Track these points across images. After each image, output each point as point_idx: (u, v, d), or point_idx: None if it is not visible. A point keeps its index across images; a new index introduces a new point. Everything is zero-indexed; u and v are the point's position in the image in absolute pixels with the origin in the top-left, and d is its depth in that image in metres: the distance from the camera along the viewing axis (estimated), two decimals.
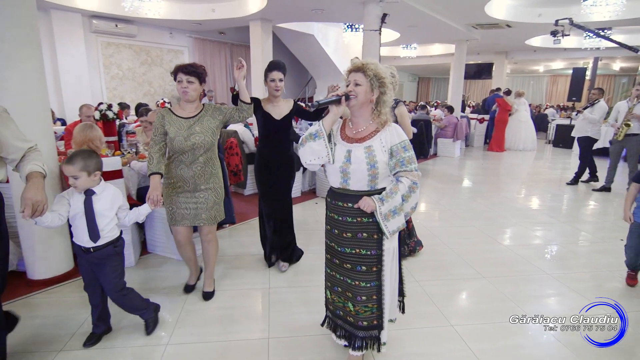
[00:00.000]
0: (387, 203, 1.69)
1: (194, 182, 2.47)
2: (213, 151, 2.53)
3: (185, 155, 2.42)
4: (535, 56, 14.07)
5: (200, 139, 2.40)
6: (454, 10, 8.36)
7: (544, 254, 3.61)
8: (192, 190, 2.49)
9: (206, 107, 2.50)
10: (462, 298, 2.84)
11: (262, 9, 7.45)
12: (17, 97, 2.57)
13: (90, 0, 7.67)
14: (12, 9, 2.49)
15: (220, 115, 2.51)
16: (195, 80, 2.38)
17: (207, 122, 2.45)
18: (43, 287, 2.79)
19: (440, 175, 7.17)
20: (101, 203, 2.04)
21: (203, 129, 2.42)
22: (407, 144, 1.74)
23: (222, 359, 2.11)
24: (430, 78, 23.31)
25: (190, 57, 10.49)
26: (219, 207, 2.61)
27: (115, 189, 2.13)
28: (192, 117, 2.43)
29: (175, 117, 2.42)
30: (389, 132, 1.74)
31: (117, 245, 2.13)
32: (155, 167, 2.34)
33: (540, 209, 5.13)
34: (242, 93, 2.53)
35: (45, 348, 2.16)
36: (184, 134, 2.38)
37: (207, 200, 2.52)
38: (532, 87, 20.92)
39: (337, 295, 1.92)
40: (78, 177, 1.96)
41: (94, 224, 2.01)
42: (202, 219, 2.53)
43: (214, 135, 2.48)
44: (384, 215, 1.70)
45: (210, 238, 2.65)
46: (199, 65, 2.43)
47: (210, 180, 2.52)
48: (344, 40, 10.99)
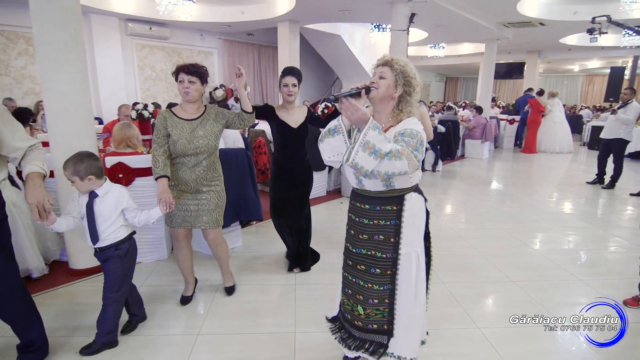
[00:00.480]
0: (378, 134, 1.47)
1: (195, 185, 2.42)
2: (216, 155, 2.49)
3: (188, 158, 2.36)
4: (570, 55, 13.55)
5: (204, 143, 2.35)
6: (485, 9, 8.19)
7: (577, 260, 3.50)
8: (193, 192, 2.44)
9: (209, 110, 2.44)
10: (489, 301, 2.81)
11: (290, 10, 7.55)
12: (63, 97, 2.73)
13: (127, 5, 8.00)
14: (59, 14, 2.65)
15: (223, 119, 2.45)
16: (197, 80, 2.32)
17: (210, 125, 2.39)
18: (83, 276, 2.96)
19: (468, 177, 7.05)
20: (103, 205, 2.02)
21: (206, 133, 2.36)
22: (415, 133, 1.57)
23: (249, 350, 2.18)
24: (459, 78, 22.86)
25: (219, 58, 10.75)
26: (220, 211, 2.54)
27: (120, 191, 2.10)
28: (194, 119, 2.38)
29: (177, 119, 2.36)
30: (402, 124, 1.65)
31: (120, 248, 2.09)
32: (161, 171, 2.29)
33: (574, 213, 4.97)
34: (244, 102, 2.46)
35: (86, 333, 2.28)
36: (187, 137, 2.32)
37: (209, 202, 2.46)
38: (566, 87, 20.15)
39: (347, 297, 1.85)
40: (73, 182, 1.98)
41: (94, 226, 2.01)
42: (203, 222, 2.47)
43: (217, 139, 2.44)
44: (364, 143, 1.47)
45: (217, 242, 2.61)
46: (200, 65, 2.38)
47: (212, 183, 2.47)
48: (370, 40, 10.95)
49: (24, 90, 7.56)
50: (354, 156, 1.50)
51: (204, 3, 8.37)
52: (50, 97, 2.75)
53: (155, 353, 2.14)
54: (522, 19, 8.63)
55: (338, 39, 10.75)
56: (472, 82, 21.78)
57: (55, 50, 2.66)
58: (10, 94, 7.22)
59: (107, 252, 2.07)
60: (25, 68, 7.52)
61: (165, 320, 2.44)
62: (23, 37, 7.41)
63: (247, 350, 2.17)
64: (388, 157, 1.47)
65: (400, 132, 1.60)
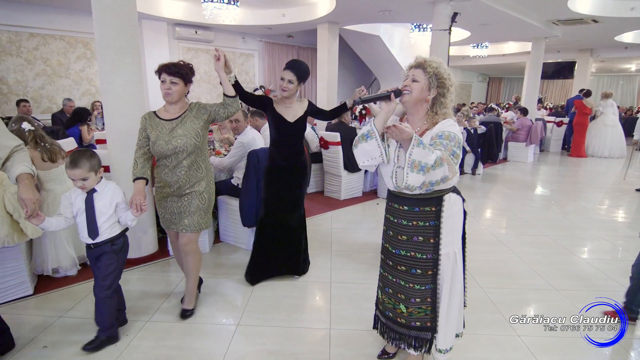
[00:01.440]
0: (422, 149, 1.47)
1: (178, 187, 2.33)
2: (199, 154, 2.36)
3: (169, 159, 2.29)
4: (626, 53, 12.67)
5: (181, 142, 2.25)
6: (533, 7, 7.85)
7: (628, 271, 3.30)
8: (177, 195, 2.36)
9: (191, 107, 2.37)
10: (530, 309, 2.72)
11: (330, 12, 7.61)
12: (120, 98, 2.95)
13: (175, 10, 8.41)
14: (117, 21, 2.87)
15: (205, 114, 2.35)
16: (179, 81, 2.26)
17: (190, 123, 2.30)
18: (133, 266, 3.16)
19: (510, 181, 6.80)
20: (101, 200, 2.05)
21: (186, 131, 2.27)
22: (452, 136, 1.58)
23: (285, 343, 2.25)
24: (502, 78, 21.98)
25: (260, 60, 11.02)
26: (203, 214, 2.40)
27: (114, 186, 2.13)
28: (174, 119, 2.30)
29: (158, 120, 2.31)
30: (438, 126, 1.64)
31: (115, 243, 2.12)
32: (139, 172, 2.25)
33: (625, 221, 4.67)
34: (224, 86, 2.36)
35: (136, 318, 2.46)
36: (165, 138, 2.25)
37: (190, 204, 2.35)
38: (621, 88, 18.83)
39: (388, 296, 1.88)
40: (87, 178, 1.98)
41: (94, 221, 2.03)
42: (184, 225, 2.36)
43: (199, 137, 2.32)
44: (411, 163, 1.49)
45: (188, 250, 2.42)
46: (184, 65, 2.31)
47: (195, 185, 2.36)
48: (410, 40, 10.81)
49: (82, 91, 8.14)
50: (406, 179, 1.53)
51: (246, 7, 8.62)
52: (108, 97, 2.97)
53: (199, 340, 2.26)
54: (574, 16, 8.19)
55: (377, 39, 10.69)
56: (516, 83, 20.88)
57: (113, 54, 2.87)
58: (69, 94, 7.79)
59: (103, 248, 2.08)
60: (83, 71, 8.09)
61: (207, 310, 2.57)
62: (82, 42, 7.98)
63: (283, 343, 2.25)
64: (433, 167, 1.49)
65: (438, 134, 1.60)
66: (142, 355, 2.13)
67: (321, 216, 4.58)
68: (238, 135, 3.52)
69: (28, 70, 7.44)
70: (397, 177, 1.58)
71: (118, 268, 2.18)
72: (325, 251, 3.54)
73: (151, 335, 2.30)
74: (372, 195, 5.50)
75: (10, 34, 7.17)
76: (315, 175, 5.58)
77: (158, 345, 2.20)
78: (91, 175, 1.99)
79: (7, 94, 7.29)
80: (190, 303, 2.53)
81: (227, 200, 3.59)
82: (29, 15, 7.24)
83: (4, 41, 7.13)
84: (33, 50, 7.44)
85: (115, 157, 3.06)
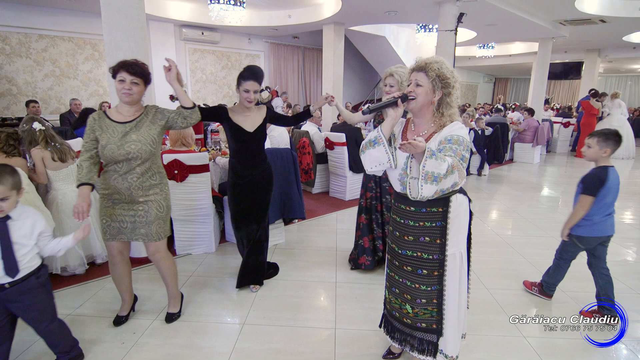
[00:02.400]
0: (434, 160, 1.44)
1: (129, 194, 2.16)
2: (153, 161, 2.21)
3: (120, 165, 2.11)
4: (634, 54, 12.56)
5: (136, 148, 2.08)
6: (540, 7, 7.81)
7: (636, 272, 3.27)
8: (128, 202, 2.18)
9: (147, 110, 2.21)
10: (536, 310, 2.71)
11: (336, 12, 7.63)
12: None
13: (182, 11, 8.48)
14: (127, 23, 2.91)
15: (162, 119, 2.21)
16: (140, 81, 2.10)
17: (146, 128, 2.14)
18: (141, 264, 3.19)
19: (517, 182, 6.76)
20: (20, 230, 1.72)
21: (140, 137, 2.10)
22: (461, 139, 1.56)
23: (291, 342, 2.26)
24: (509, 78, 21.87)
25: (266, 61, 11.07)
26: (162, 223, 2.26)
27: (34, 212, 1.82)
28: (128, 122, 2.13)
29: (109, 121, 2.12)
30: (447, 129, 1.63)
31: (40, 275, 1.81)
32: (85, 177, 2.09)
33: (634, 223, 4.63)
34: (180, 97, 2.23)
35: (144, 317, 2.49)
36: (117, 142, 2.07)
37: (147, 213, 2.19)
38: (630, 88, 18.66)
39: (394, 296, 1.88)
40: (7, 198, 1.65)
41: (11, 255, 1.69)
42: (141, 234, 2.21)
43: (154, 144, 2.16)
44: (424, 175, 1.46)
45: (158, 257, 2.32)
46: (143, 64, 2.16)
47: (150, 192, 2.20)
48: (415, 41, 10.80)
49: (90, 92, 8.23)
50: (421, 191, 1.50)
51: (252, 8, 8.67)
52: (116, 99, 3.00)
53: (205, 338, 2.28)
54: (581, 16, 8.13)
55: (383, 40, 10.70)
56: (523, 83, 20.77)
57: (122, 56, 2.88)
58: (77, 95, 7.89)
59: (27, 284, 1.76)
60: (91, 72, 8.18)
61: (213, 309, 2.60)
62: (90, 43, 8.07)
63: (288, 342, 2.26)
64: (445, 176, 1.47)
65: (447, 138, 1.59)
66: (149, 353, 2.15)
67: (326, 216, 4.59)
68: None
69: (37, 72, 7.54)
70: (412, 189, 1.58)
71: (52, 297, 1.89)
72: (331, 251, 3.55)
73: (158, 333, 2.33)
74: None
75: (19, 35, 7.27)
76: (321, 176, 5.59)
77: (165, 344, 2.23)
78: (12, 195, 1.67)
79: (17, 94, 7.39)
80: (175, 306, 2.48)
81: None
82: (38, 17, 7.34)
83: (13, 43, 7.23)
84: (42, 52, 7.54)
85: None
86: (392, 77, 2.70)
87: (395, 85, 2.69)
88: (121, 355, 2.12)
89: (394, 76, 2.69)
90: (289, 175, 3.55)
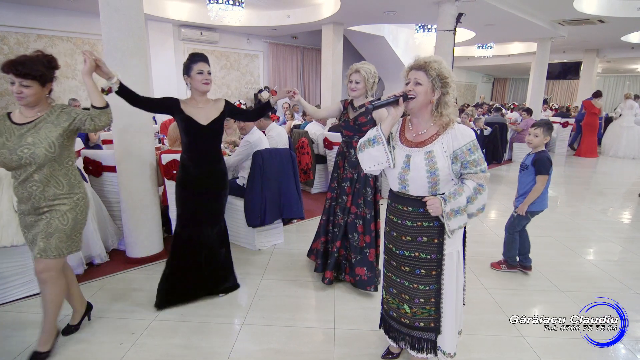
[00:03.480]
0: (450, 203, 1.61)
1: (32, 203, 1.95)
2: (56, 168, 1.96)
3: (17, 171, 1.91)
4: (633, 54, 12.58)
5: (28, 153, 1.85)
6: (538, 7, 7.82)
7: (634, 272, 3.28)
8: (34, 213, 1.97)
9: (53, 110, 1.97)
10: (535, 310, 2.71)
11: (335, 12, 7.63)
12: None
13: (180, 11, 8.47)
14: (126, 23, 2.89)
15: (67, 120, 1.95)
16: (32, 83, 1.86)
17: (45, 130, 1.91)
18: (139, 265, 3.19)
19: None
20: None
21: (37, 140, 1.88)
22: (472, 145, 1.64)
23: (290, 342, 2.26)
24: (507, 78, 21.89)
25: (265, 61, 11.07)
26: (65, 238, 1.97)
27: None
28: (27, 123, 1.92)
29: (10, 123, 1.92)
30: (451, 135, 1.64)
31: None
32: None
33: (634, 222, 4.64)
34: (91, 95, 2.00)
35: (141, 317, 2.48)
36: (11, 146, 1.86)
37: (49, 224, 1.95)
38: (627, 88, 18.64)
39: (392, 296, 1.87)
40: None
41: None
42: (39, 248, 1.93)
43: (53, 148, 1.91)
44: (447, 214, 1.62)
45: (44, 278, 1.95)
46: (37, 59, 1.89)
47: (56, 201, 1.96)
48: (414, 41, 10.80)
49: None
50: (450, 228, 1.65)
51: (251, 8, 8.66)
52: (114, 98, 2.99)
53: (204, 339, 2.28)
54: (580, 16, 8.15)
55: (381, 40, 10.70)
56: (522, 83, 20.78)
57: (120, 56, 2.90)
58: (75, 95, 7.87)
59: None
60: None
61: (212, 309, 2.59)
62: (88, 43, 8.06)
63: (287, 342, 2.26)
64: (471, 202, 1.64)
65: (468, 147, 1.63)
66: (148, 353, 2.15)
67: None
68: (244, 135, 3.55)
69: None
70: (447, 227, 1.68)
71: None
72: None
73: (157, 333, 2.32)
74: None
75: (18, 35, 7.26)
76: (320, 176, 5.59)
77: (164, 344, 2.22)
78: None
79: None
80: (46, 344, 2.04)
81: (231, 201, 3.61)
82: (36, 16, 7.32)
83: (12, 42, 7.21)
84: None
85: (122, 156, 3.09)
86: (358, 74, 2.69)
87: (361, 82, 2.69)
88: (120, 356, 2.11)
89: (360, 72, 2.68)
90: (287, 175, 3.55)
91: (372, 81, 2.74)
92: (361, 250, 2.77)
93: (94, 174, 3.43)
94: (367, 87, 2.74)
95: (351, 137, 2.80)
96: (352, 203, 2.79)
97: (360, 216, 2.76)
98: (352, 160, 2.77)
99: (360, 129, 2.72)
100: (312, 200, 5.25)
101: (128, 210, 3.15)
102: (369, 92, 2.78)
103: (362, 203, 2.75)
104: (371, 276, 2.74)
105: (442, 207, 1.62)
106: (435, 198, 1.63)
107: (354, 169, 2.77)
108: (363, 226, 2.76)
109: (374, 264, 2.76)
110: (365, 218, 2.75)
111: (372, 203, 2.77)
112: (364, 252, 2.76)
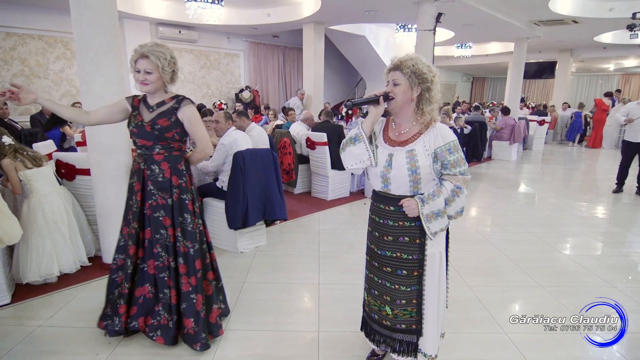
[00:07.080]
0: (428, 205, 1.62)
1: None
2: None
3: None
4: (605, 53, 12.99)
5: None
6: (515, 7, 7.98)
7: (610, 266, 3.37)
8: None
9: None
10: (516, 306, 2.74)
11: (315, 12, 7.59)
12: (99, 98, 2.85)
13: (158, 9, 8.26)
14: (98, 20, 2.78)
15: None
16: None
17: None
18: None
19: (495, 179, 6.89)
20: None
21: None
22: (452, 146, 1.64)
23: (274, 347, 2.22)
24: (486, 78, 22.33)
25: (245, 60, 10.93)
26: None
27: None
28: None
29: None
30: (433, 134, 1.65)
31: None
32: None
33: (609, 217, 4.78)
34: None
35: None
36: None
37: None
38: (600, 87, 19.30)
39: (374, 298, 1.86)
40: None
41: None
42: None
43: None
44: (426, 216, 1.63)
45: None
46: None
47: None
48: (395, 40, 10.87)
49: (62, 92, 7.93)
50: (431, 231, 1.67)
51: (231, 6, 8.53)
52: (87, 98, 2.88)
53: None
54: (555, 16, 8.35)
55: (362, 39, 10.73)
56: (500, 82, 21.22)
57: (93, 54, 2.79)
58: (48, 95, 7.58)
59: None
60: (62, 71, 7.88)
61: None
62: (61, 42, 7.78)
63: (271, 347, 2.22)
64: (448, 205, 1.65)
65: (447, 147, 1.63)
66: None
67: (309, 217, 4.55)
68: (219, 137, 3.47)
69: (5, 71, 7.22)
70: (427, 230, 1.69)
71: None
72: (313, 252, 3.52)
73: (134, 342, 2.23)
74: (359, 195, 5.50)
75: None
76: (302, 176, 5.55)
77: (142, 353, 2.14)
78: None
79: None
80: None
81: (212, 203, 3.54)
82: (5, 14, 7.01)
83: None
84: (10, 50, 7.22)
85: (95, 158, 2.98)
86: (146, 60, 1.97)
87: (154, 72, 1.97)
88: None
89: (149, 58, 1.96)
90: (269, 176, 3.49)
91: (171, 70, 2.03)
92: None
93: (67, 178, 3.29)
94: (165, 79, 2.03)
95: (150, 148, 2.06)
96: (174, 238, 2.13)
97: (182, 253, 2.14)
98: (159, 181, 2.07)
99: (162, 136, 2.02)
100: (295, 200, 5.20)
101: (103, 214, 3.03)
102: (168, 84, 2.08)
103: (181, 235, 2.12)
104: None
105: (418, 208, 1.63)
106: (411, 199, 1.65)
107: (164, 192, 2.08)
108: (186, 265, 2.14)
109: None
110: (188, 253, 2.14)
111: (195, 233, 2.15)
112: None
